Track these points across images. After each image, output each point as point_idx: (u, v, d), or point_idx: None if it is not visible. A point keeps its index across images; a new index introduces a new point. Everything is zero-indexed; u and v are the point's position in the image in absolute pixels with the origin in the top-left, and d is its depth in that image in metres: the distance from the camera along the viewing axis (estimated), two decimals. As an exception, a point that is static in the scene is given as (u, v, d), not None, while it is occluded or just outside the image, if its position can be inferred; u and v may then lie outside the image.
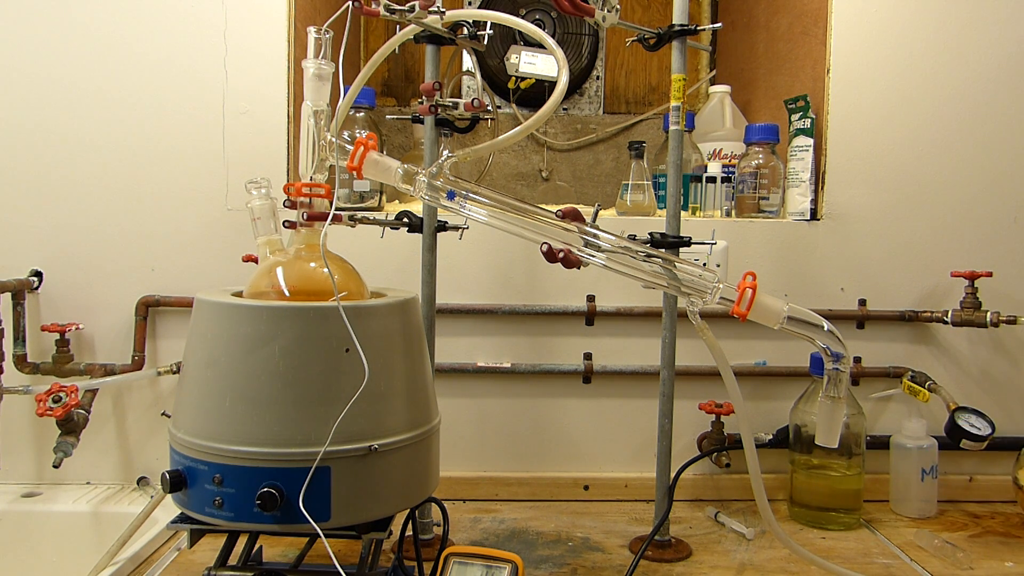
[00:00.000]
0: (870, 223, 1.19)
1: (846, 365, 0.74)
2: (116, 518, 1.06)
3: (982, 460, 1.20)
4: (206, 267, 1.16)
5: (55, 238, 1.15)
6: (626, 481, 1.19)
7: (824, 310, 1.16)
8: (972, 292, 1.13)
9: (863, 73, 1.18)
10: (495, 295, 1.18)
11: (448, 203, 0.74)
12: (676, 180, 0.96)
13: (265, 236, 0.84)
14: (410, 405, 0.75)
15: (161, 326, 1.17)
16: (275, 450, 0.68)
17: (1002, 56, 1.18)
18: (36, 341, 1.15)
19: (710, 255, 1.14)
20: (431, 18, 0.85)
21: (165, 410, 1.13)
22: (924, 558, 0.98)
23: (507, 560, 0.78)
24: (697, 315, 0.74)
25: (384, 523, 0.73)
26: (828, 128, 1.19)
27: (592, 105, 1.67)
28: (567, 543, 1.02)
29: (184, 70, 1.14)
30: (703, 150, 1.35)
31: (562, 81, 0.77)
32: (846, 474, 1.08)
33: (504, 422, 1.19)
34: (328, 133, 0.77)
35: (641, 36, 0.97)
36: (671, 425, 0.99)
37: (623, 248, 0.73)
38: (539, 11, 1.56)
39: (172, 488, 0.70)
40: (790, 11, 1.34)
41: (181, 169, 1.15)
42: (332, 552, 0.67)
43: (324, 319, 0.70)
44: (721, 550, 1.00)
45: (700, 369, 1.17)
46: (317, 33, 0.76)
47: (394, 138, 1.63)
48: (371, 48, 1.71)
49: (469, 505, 1.15)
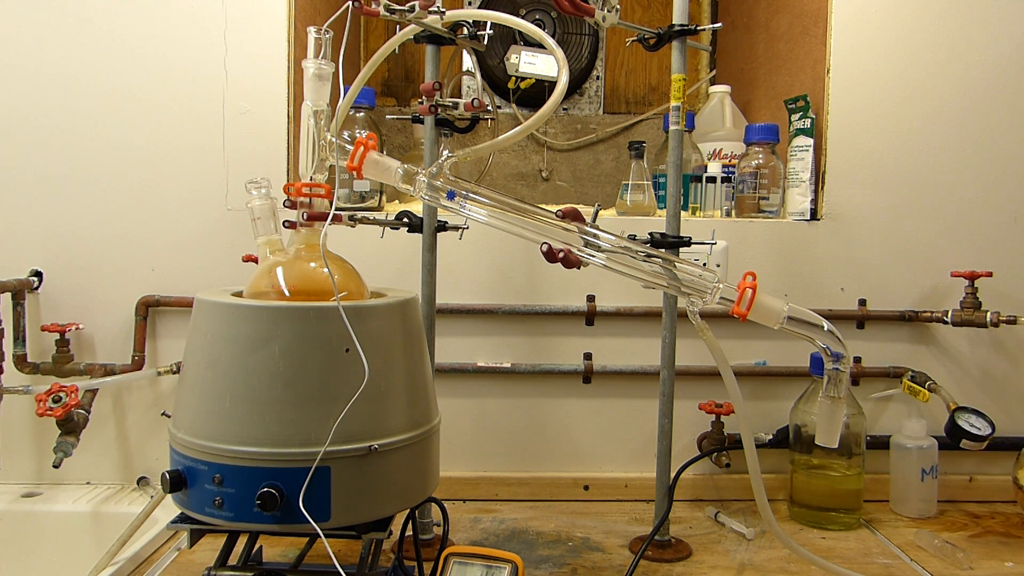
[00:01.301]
0: (870, 223, 1.19)
1: (846, 365, 0.74)
2: (116, 518, 1.06)
3: (982, 460, 1.20)
4: (206, 267, 1.16)
5: (55, 238, 1.15)
6: (626, 481, 1.19)
7: (824, 310, 1.16)
8: (972, 292, 1.13)
9: (863, 73, 1.18)
10: (495, 295, 1.18)
11: (448, 203, 0.74)
12: (676, 180, 0.96)
13: (265, 236, 0.84)
14: (410, 405, 0.75)
15: (161, 326, 1.17)
16: (275, 450, 0.68)
17: (1002, 56, 1.18)
18: (36, 341, 1.15)
19: (710, 255, 1.14)
20: (431, 18, 0.85)
21: (165, 410, 1.13)
22: (924, 558, 0.98)
23: (507, 560, 0.78)
24: (697, 315, 0.74)
25: (384, 523, 0.73)
26: (828, 128, 1.19)
27: (592, 105, 1.67)
28: (567, 543, 1.02)
29: (184, 70, 1.14)
30: (703, 150, 1.35)
31: (562, 81, 0.77)
32: (846, 474, 1.08)
33: (504, 422, 1.19)
34: (328, 133, 0.77)
35: (641, 36, 0.97)
36: (671, 425, 0.99)
37: (623, 248, 0.73)
38: (539, 11, 1.56)
39: (172, 488, 0.70)
40: (790, 11, 1.34)
41: (181, 169, 1.15)
42: (332, 552, 0.67)
43: (324, 319, 0.70)
44: (721, 550, 1.00)
45: (700, 369, 1.17)
46: (317, 33, 0.76)
47: (394, 138, 1.63)
48: (371, 48, 1.71)
49: (469, 505, 1.15)
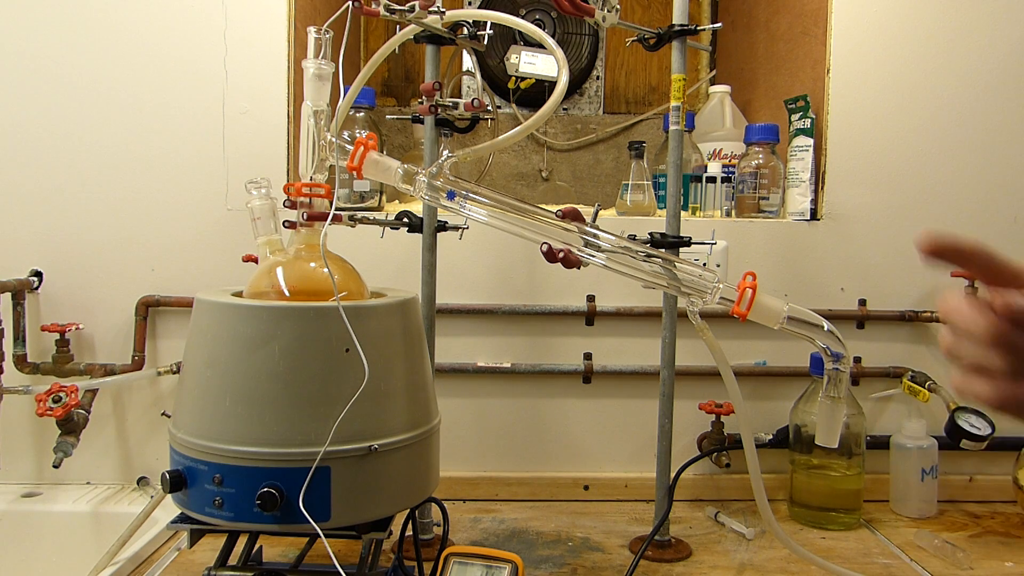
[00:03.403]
0: (870, 223, 1.19)
1: (846, 365, 0.74)
2: (116, 518, 1.06)
3: (982, 460, 1.20)
4: (206, 267, 1.16)
5: (55, 238, 1.15)
6: (626, 481, 1.19)
7: (824, 310, 1.16)
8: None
9: (863, 73, 1.18)
10: (495, 295, 1.18)
11: (448, 203, 0.74)
12: (676, 180, 0.96)
13: (265, 236, 0.84)
14: (410, 405, 0.75)
15: (161, 326, 1.17)
16: (275, 450, 0.68)
17: (1002, 56, 1.18)
18: (36, 341, 1.15)
19: (710, 255, 1.14)
20: (431, 18, 0.85)
21: (165, 410, 1.13)
22: (924, 558, 0.98)
23: (507, 560, 0.78)
24: (697, 315, 0.74)
25: (384, 523, 0.73)
26: (828, 128, 1.19)
27: (592, 105, 1.67)
28: (567, 543, 1.02)
29: (184, 70, 1.14)
30: (703, 150, 1.35)
31: (562, 81, 0.77)
32: (846, 474, 1.08)
33: (504, 422, 1.19)
34: (328, 133, 0.77)
35: (641, 36, 0.97)
36: (671, 425, 0.99)
37: (623, 248, 0.73)
38: (539, 11, 1.56)
39: (172, 488, 0.70)
40: (790, 11, 1.34)
41: (181, 169, 1.15)
42: (332, 552, 0.67)
43: (324, 319, 0.70)
44: (721, 550, 1.00)
45: (700, 369, 1.17)
46: (317, 33, 0.76)
47: (394, 138, 1.63)
48: (371, 48, 1.71)
49: (469, 505, 1.15)
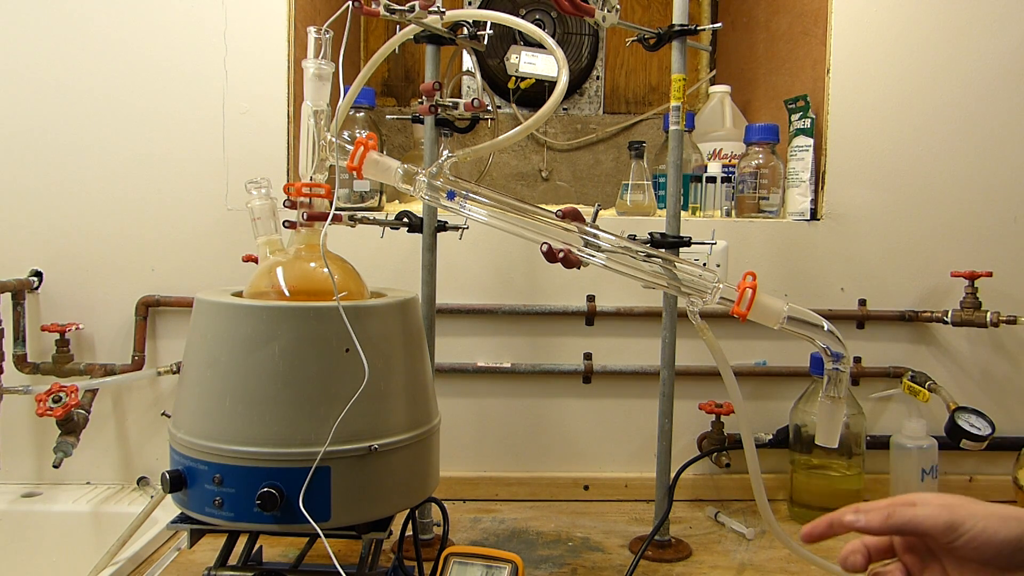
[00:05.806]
0: (870, 223, 1.19)
1: (846, 365, 0.74)
2: (116, 518, 1.06)
3: (982, 460, 1.20)
4: (206, 267, 1.16)
5: (55, 238, 1.15)
6: (626, 481, 1.19)
7: (824, 310, 1.16)
8: (972, 292, 1.13)
9: (863, 73, 1.18)
10: (495, 295, 1.18)
11: (448, 203, 0.74)
12: (676, 180, 0.96)
13: (265, 236, 0.84)
14: (410, 405, 0.75)
15: (161, 326, 1.17)
16: (275, 450, 0.68)
17: (1002, 55, 1.18)
18: (36, 341, 1.15)
19: (710, 255, 1.14)
20: (431, 18, 0.85)
21: (165, 410, 1.13)
22: (924, 558, 0.98)
23: (507, 560, 0.78)
24: (697, 315, 0.74)
25: (384, 523, 0.73)
26: (828, 128, 1.19)
27: (592, 105, 1.67)
28: (567, 543, 1.02)
29: (184, 70, 1.14)
30: (703, 150, 1.35)
31: (562, 81, 0.77)
32: (846, 474, 1.08)
33: (504, 422, 1.19)
34: (328, 133, 0.77)
35: (641, 36, 0.97)
36: (671, 425, 0.99)
37: (623, 248, 0.73)
38: (539, 11, 1.56)
39: (172, 488, 0.70)
40: (790, 11, 1.34)
41: (181, 169, 1.15)
42: (332, 552, 0.67)
43: (324, 319, 0.70)
44: (721, 550, 1.00)
45: (700, 369, 1.17)
46: (317, 33, 0.76)
47: (394, 138, 1.63)
48: (371, 48, 1.71)
49: (469, 505, 1.15)
